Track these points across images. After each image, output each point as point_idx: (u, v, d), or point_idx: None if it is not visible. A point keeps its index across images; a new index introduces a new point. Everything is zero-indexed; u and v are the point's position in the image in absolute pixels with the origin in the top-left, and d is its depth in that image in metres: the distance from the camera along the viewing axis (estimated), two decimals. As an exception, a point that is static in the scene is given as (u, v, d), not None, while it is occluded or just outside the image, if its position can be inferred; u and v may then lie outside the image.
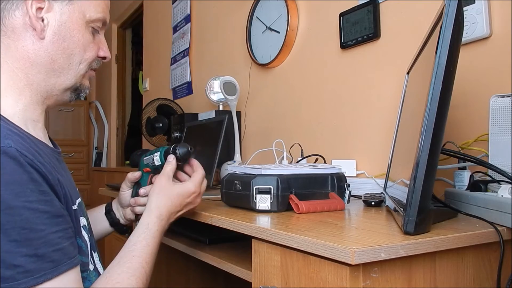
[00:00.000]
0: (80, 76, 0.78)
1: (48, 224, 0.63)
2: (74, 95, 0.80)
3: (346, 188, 1.00)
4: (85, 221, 0.80)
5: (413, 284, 0.63)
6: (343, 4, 1.50)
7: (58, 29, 0.73)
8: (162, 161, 0.93)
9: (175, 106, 2.54)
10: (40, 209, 0.63)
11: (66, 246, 0.65)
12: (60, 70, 0.75)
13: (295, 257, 0.68)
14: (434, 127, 0.64)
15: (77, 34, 0.75)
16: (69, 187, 0.75)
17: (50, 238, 0.63)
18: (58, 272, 0.63)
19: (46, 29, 0.72)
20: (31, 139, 0.70)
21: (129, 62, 4.34)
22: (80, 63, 0.77)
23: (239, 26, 2.11)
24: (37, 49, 0.72)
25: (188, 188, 0.90)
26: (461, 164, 1.01)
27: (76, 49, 0.75)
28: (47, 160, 0.69)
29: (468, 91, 1.10)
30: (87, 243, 0.78)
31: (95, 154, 4.41)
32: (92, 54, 0.78)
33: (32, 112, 0.74)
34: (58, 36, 0.73)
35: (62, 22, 0.73)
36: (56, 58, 0.74)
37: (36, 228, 0.61)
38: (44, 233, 0.62)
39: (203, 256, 1.02)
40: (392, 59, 1.34)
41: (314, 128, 1.65)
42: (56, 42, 0.73)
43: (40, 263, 0.61)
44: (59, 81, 0.76)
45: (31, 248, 0.60)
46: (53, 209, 0.65)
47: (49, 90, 0.76)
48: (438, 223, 0.75)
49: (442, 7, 0.69)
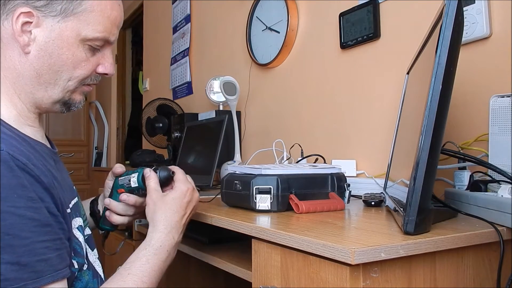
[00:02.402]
0: (68, 92, 0.75)
1: (35, 232, 0.61)
2: (64, 108, 0.77)
3: (346, 188, 1.00)
4: (81, 221, 0.79)
5: (413, 284, 0.63)
6: (343, 4, 1.50)
7: (45, 46, 0.71)
8: (140, 184, 0.89)
9: (175, 106, 2.54)
10: (27, 215, 0.60)
11: (53, 257, 0.63)
12: (47, 85, 0.73)
13: (295, 257, 0.68)
14: (434, 127, 0.64)
15: (66, 52, 0.72)
16: (66, 187, 0.75)
17: (35, 247, 0.60)
18: (39, 284, 0.60)
19: (31, 44, 0.71)
20: (28, 141, 0.69)
21: (129, 62, 4.34)
22: (69, 80, 0.74)
23: (239, 26, 2.11)
24: (23, 61, 0.71)
25: (180, 188, 0.86)
26: (461, 164, 1.01)
27: (64, 66, 0.73)
28: (43, 162, 0.68)
29: (468, 91, 1.10)
30: (82, 244, 0.76)
31: (95, 154, 4.41)
32: (84, 72, 0.75)
33: (26, 119, 0.74)
34: (44, 52, 0.71)
35: (50, 39, 0.71)
36: (42, 73, 0.72)
37: (21, 235, 0.59)
38: (29, 241, 0.60)
39: (203, 256, 1.02)
40: (392, 59, 1.34)
41: (314, 128, 1.65)
42: (42, 58, 0.71)
43: (21, 273, 0.58)
44: (46, 95, 0.74)
45: (14, 255, 0.58)
46: (42, 217, 0.62)
47: (37, 102, 0.74)
48: (438, 223, 0.75)
49: (442, 7, 0.69)
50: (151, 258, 0.77)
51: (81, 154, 4.22)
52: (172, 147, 2.25)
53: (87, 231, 0.84)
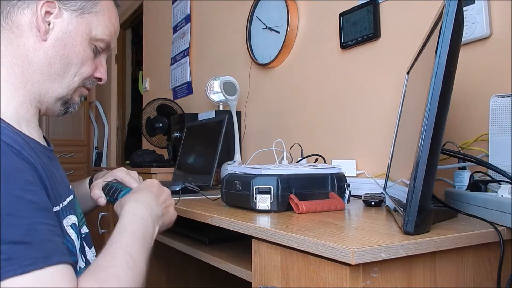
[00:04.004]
0: (72, 89, 0.78)
1: (35, 214, 0.58)
2: (63, 108, 0.80)
3: (346, 188, 1.00)
4: (75, 219, 0.77)
5: (413, 284, 0.63)
6: (343, 4, 1.50)
7: (62, 36, 0.75)
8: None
9: (175, 106, 2.54)
10: (26, 197, 0.58)
11: (58, 241, 0.60)
12: (55, 76, 0.75)
13: (295, 257, 0.68)
14: (434, 127, 0.64)
15: (78, 46, 0.76)
16: (61, 184, 0.75)
17: (38, 228, 0.57)
18: (51, 262, 0.55)
19: (49, 33, 0.74)
20: (22, 137, 0.69)
21: (129, 62, 4.34)
22: (75, 75, 0.78)
23: (239, 26, 2.11)
24: (37, 49, 0.73)
25: (143, 183, 0.87)
26: (461, 164, 1.01)
27: (75, 59, 0.76)
28: (37, 157, 0.68)
29: (468, 91, 1.10)
30: (75, 243, 0.74)
31: (95, 154, 4.40)
32: (89, 70, 0.79)
33: (26, 112, 0.74)
34: (60, 42, 0.75)
35: (67, 31, 0.75)
36: (53, 63, 0.75)
37: (21, 215, 0.56)
38: (30, 221, 0.57)
39: (203, 256, 1.02)
40: (392, 59, 1.34)
41: (314, 128, 1.65)
42: (57, 47, 0.74)
43: (28, 251, 0.54)
44: (52, 88, 0.76)
45: (16, 235, 0.54)
46: (41, 201, 0.60)
47: (42, 94, 0.76)
48: (438, 223, 0.75)
49: (442, 7, 0.69)
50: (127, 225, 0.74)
51: (81, 154, 4.22)
52: (172, 147, 2.25)
53: (84, 229, 0.83)
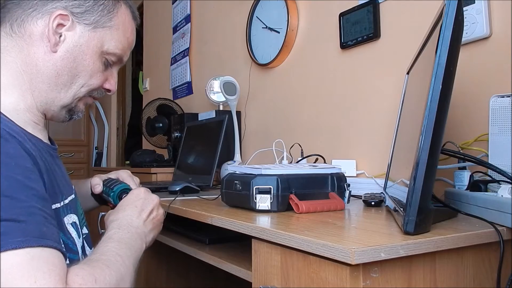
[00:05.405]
0: (77, 98, 0.79)
1: (33, 199, 0.58)
2: (68, 115, 0.81)
3: (346, 188, 1.00)
4: (76, 218, 0.78)
5: (413, 284, 0.63)
6: (343, 4, 1.50)
7: (72, 49, 0.75)
8: (116, 202, 0.91)
9: (175, 106, 2.54)
10: (26, 183, 0.59)
11: (53, 230, 0.60)
12: (62, 87, 0.76)
13: (295, 257, 0.68)
14: (434, 127, 0.64)
15: (88, 59, 0.77)
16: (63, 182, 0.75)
17: (34, 211, 0.58)
18: (43, 243, 0.56)
19: (60, 45, 0.74)
20: (25, 134, 0.70)
21: (129, 62, 4.34)
22: (82, 86, 0.78)
23: (239, 26, 2.11)
24: (46, 59, 0.74)
25: (128, 196, 0.88)
26: (461, 164, 1.01)
27: (83, 72, 0.77)
28: (38, 152, 0.69)
29: (468, 91, 1.10)
30: (75, 241, 0.75)
31: (95, 154, 4.40)
32: (97, 82, 0.80)
33: (33, 116, 0.75)
34: (70, 54, 0.75)
35: (78, 44, 0.76)
36: (61, 74, 0.75)
37: (20, 198, 0.57)
38: (29, 204, 0.57)
39: (203, 256, 1.02)
40: (392, 59, 1.34)
41: (314, 128, 1.65)
42: (66, 60, 0.75)
43: (21, 229, 0.55)
44: (58, 97, 0.77)
45: (10, 214, 0.55)
46: (39, 189, 0.61)
47: (48, 103, 0.77)
48: (438, 223, 0.75)
49: (442, 7, 0.69)
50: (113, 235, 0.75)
51: (81, 154, 4.22)
52: (172, 147, 2.25)
53: (84, 230, 0.84)
